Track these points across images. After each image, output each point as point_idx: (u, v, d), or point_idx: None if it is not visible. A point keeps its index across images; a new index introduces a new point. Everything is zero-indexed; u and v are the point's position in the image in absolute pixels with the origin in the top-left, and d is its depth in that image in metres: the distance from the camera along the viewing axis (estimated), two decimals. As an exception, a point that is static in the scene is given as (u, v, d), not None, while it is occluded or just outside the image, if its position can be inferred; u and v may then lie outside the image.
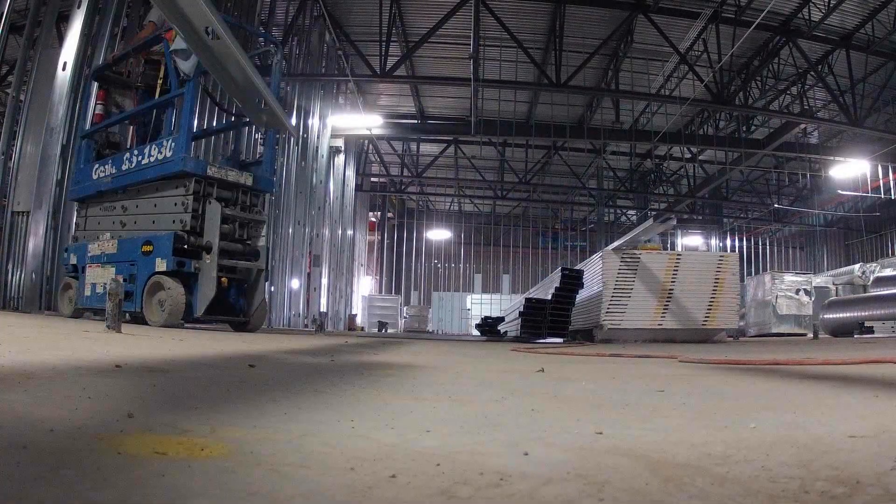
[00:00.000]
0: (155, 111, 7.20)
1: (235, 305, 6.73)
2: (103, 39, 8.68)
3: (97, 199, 7.26)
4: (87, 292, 6.89)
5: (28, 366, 1.85)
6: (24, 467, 0.82)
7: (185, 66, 6.20)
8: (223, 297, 6.48)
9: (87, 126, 7.81)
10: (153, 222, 6.47)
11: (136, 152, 6.74)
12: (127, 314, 6.01)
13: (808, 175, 24.04)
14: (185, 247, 6.05)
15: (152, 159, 6.46)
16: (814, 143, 20.82)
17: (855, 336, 12.83)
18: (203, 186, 6.28)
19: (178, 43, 6.08)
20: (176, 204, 6.26)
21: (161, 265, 6.02)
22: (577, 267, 13.54)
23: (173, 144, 6.30)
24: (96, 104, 7.68)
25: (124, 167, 6.79)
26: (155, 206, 6.53)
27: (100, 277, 6.65)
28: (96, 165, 7.22)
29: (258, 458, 0.96)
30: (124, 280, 6.02)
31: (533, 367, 3.32)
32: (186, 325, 6.47)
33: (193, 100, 6.44)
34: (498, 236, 32.40)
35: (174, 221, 6.21)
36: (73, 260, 7.28)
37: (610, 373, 3.16)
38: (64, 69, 8.25)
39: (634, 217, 28.90)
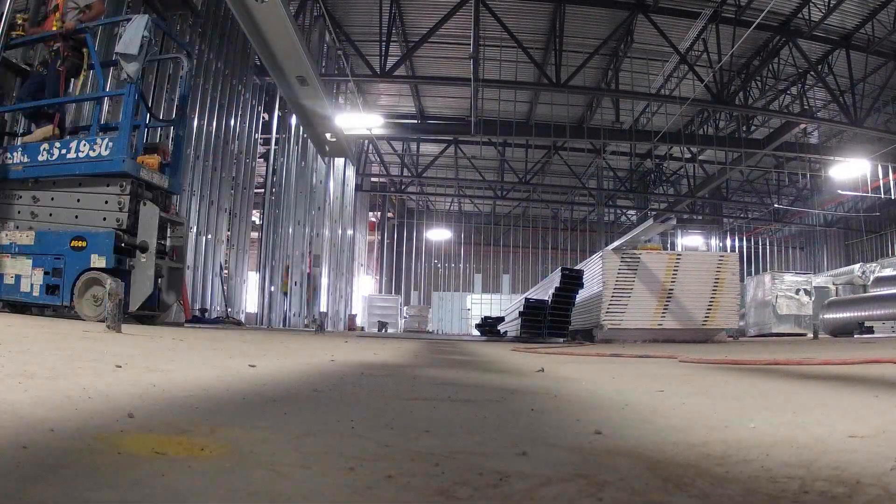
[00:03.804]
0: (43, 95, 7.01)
1: (153, 300, 6.87)
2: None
3: None
4: None
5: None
6: (24, 467, 0.82)
7: (130, 69, 6.32)
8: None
9: None
10: (76, 217, 6.53)
11: (57, 145, 6.65)
12: (50, 308, 6.22)
13: (808, 175, 24.04)
14: (123, 245, 6.28)
15: (81, 155, 6.47)
16: (814, 143, 20.82)
17: (855, 336, 12.82)
18: (135, 187, 6.46)
19: (127, 46, 6.19)
20: (108, 202, 6.38)
21: (98, 261, 6.15)
22: (577, 267, 13.54)
23: (111, 144, 6.36)
24: None
25: (41, 158, 6.68)
26: (78, 200, 6.55)
27: (9, 268, 6.54)
28: (3, 152, 7.06)
29: (258, 457, 0.96)
30: (46, 273, 6.26)
31: (533, 367, 3.32)
32: (187, 324, 6.46)
33: (135, 103, 6.52)
34: (498, 236, 32.40)
35: (105, 219, 6.34)
36: None
37: (610, 373, 3.16)
38: None
39: (634, 217, 28.89)
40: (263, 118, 15.96)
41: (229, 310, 13.03)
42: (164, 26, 8.56)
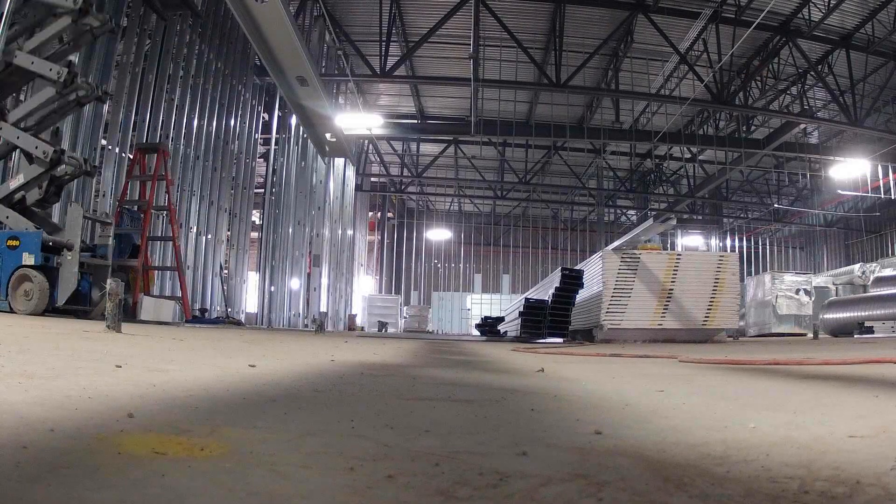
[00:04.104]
0: None
1: (86, 296, 7.36)
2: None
3: None
4: None
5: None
6: (24, 467, 0.82)
7: None
8: (77, 289, 7.10)
9: None
10: (6, 217, 6.98)
11: None
12: None
13: (808, 175, 24.03)
14: (50, 244, 6.75)
15: None
16: (814, 143, 20.82)
17: (855, 336, 12.82)
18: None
19: None
20: None
21: (28, 259, 6.59)
22: (577, 267, 13.53)
23: None
24: None
25: None
26: None
27: None
28: None
29: (258, 457, 0.96)
30: None
31: (533, 367, 3.32)
32: (186, 323, 6.46)
33: None
34: (498, 236, 32.40)
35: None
36: None
37: (610, 373, 3.16)
38: None
39: (634, 217, 28.89)
40: (263, 118, 15.98)
41: (229, 310, 13.04)
42: None
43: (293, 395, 1.80)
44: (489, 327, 15.65)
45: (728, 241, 30.41)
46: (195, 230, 11.99)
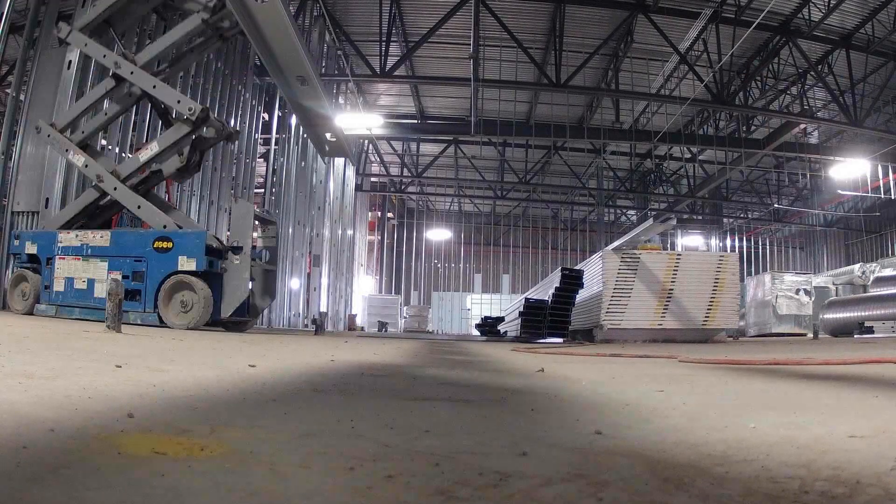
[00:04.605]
0: None
1: (243, 306, 6.45)
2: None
3: None
4: (60, 287, 6.30)
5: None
6: (24, 467, 0.82)
7: None
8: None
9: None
10: (138, 208, 6.31)
11: None
12: (130, 313, 5.73)
13: (808, 175, 24.03)
14: (214, 246, 5.89)
15: None
16: (814, 143, 20.82)
17: (855, 336, 12.82)
18: None
19: None
20: None
21: (187, 264, 5.76)
22: (577, 267, 13.53)
23: None
24: None
25: None
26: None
27: (81, 272, 6.21)
28: None
29: (258, 457, 0.96)
30: (125, 277, 5.82)
31: (533, 367, 3.32)
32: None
33: None
34: (498, 236, 32.41)
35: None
36: (32, 249, 6.63)
37: (610, 373, 3.16)
38: (69, 68, 8.20)
39: (634, 217, 28.90)
40: (263, 118, 15.96)
41: (229, 310, 13.02)
42: None
43: (293, 395, 1.80)
44: (489, 327, 15.64)
45: (728, 241, 30.41)
46: (195, 230, 11.99)
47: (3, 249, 8.15)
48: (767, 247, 31.13)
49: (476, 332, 18.69)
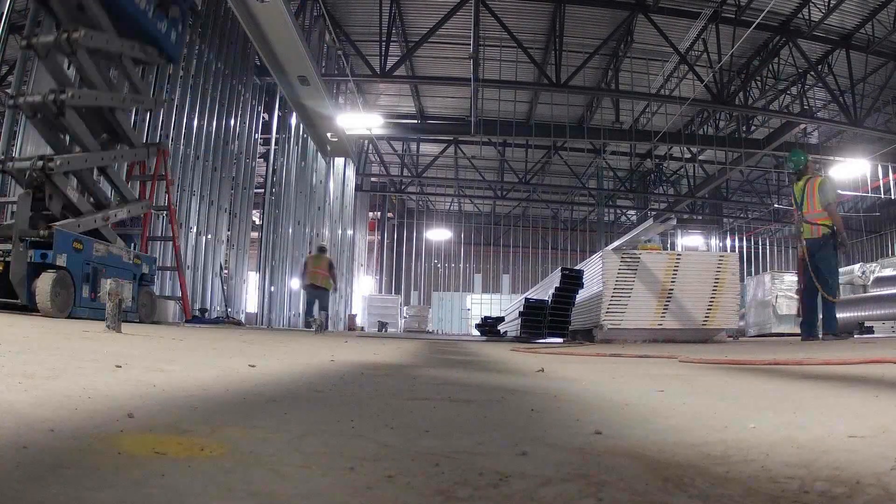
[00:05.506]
0: None
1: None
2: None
3: None
4: None
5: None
6: (24, 467, 0.82)
7: None
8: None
9: None
10: None
11: None
12: None
13: (808, 175, 24.00)
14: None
15: None
16: (814, 143, 20.82)
17: (855, 336, 12.81)
18: None
19: None
20: None
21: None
22: (577, 267, 13.53)
23: None
24: None
25: None
26: None
27: None
28: None
29: (258, 457, 0.96)
30: None
31: (533, 367, 3.32)
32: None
33: None
34: (498, 236, 32.42)
35: None
36: None
37: (610, 373, 3.16)
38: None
39: (634, 217, 28.92)
40: (263, 118, 15.96)
41: (229, 310, 13.03)
42: None
43: (293, 395, 1.80)
44: (489, 327, 15.64)
45: (728, 241, 30.42)
46: (195, 230, 11.98)
47: None
48: (767, 247, 31.14)
49: (476, 332, 18.69)
